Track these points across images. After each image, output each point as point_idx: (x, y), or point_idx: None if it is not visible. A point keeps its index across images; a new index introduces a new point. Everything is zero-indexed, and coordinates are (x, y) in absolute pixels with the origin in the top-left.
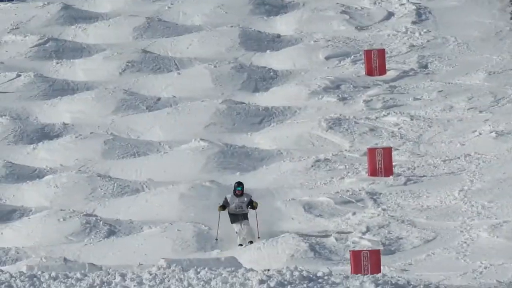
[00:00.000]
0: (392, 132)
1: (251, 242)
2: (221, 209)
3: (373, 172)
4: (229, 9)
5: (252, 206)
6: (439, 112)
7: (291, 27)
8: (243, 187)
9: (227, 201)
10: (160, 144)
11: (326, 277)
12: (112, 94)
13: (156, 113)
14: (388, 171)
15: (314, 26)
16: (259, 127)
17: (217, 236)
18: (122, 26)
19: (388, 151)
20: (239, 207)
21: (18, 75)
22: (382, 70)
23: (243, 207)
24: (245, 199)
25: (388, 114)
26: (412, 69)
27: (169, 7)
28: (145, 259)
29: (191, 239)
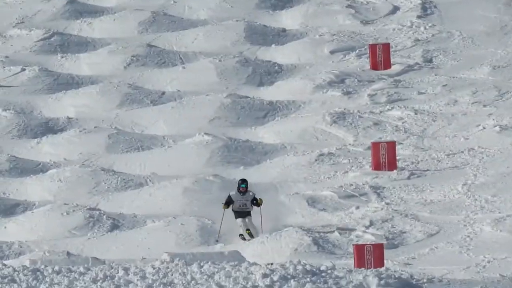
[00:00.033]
0: (396, 126)
1: (251, 235)
2: (225, 206)
3: (377, 166)
4: (234, 3)
5: (256, 203)
6: (443, 106)
7: (296, 21)
8: (247, 184)
9: (231, 199)
10: (164, 138)
11: (329, 271)
12: (117, 88)
13: (161, 107)
14: (392, 165)
15: (319, 20)
16: (264, 121)
17: (218, 237)
18: (127, 20)
19: (392, 145)
20: (243, 204)
21: (23, 69)
22: (387, 64)
23: (247, 205)
24: (249, 196)
25: (393, 108)
26: (417, 63)
27: (174, 1)
28: (149, 253)
29: (194, 233)
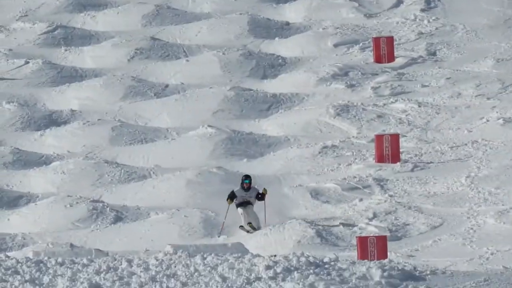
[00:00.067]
0: (400, 118)
1: (253, 227)
2: (230, 202)
3: (380, 158)
4: None
5: (261, 196)
6: (447, 99)
7: (300, 14)
8: (251, 180)
9: (234, 195)
10: (167, 130)
11: (332, 263)
12: (120, 81)
13: (164, 99)
14: (395, 157)
15: (323, 13)
16: (267, 113)
17: (219, 233)
18: (131, 14)
19: (395, 138)
20: (246, 201)
21: (27, 62)
22: (391, 57)
23: (250, 201)
24: (253, 193)
25: (396, 101)
26: (421, 56)
27: None
28: (152, 245)
29: (197, 225)
